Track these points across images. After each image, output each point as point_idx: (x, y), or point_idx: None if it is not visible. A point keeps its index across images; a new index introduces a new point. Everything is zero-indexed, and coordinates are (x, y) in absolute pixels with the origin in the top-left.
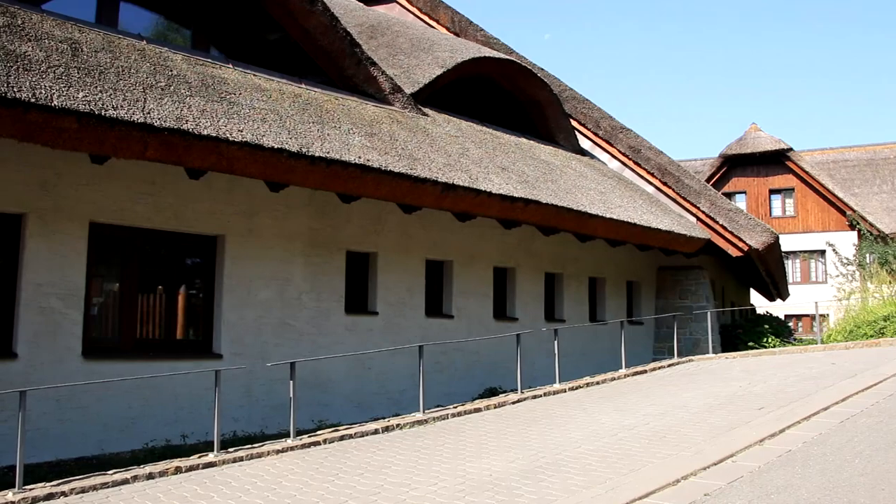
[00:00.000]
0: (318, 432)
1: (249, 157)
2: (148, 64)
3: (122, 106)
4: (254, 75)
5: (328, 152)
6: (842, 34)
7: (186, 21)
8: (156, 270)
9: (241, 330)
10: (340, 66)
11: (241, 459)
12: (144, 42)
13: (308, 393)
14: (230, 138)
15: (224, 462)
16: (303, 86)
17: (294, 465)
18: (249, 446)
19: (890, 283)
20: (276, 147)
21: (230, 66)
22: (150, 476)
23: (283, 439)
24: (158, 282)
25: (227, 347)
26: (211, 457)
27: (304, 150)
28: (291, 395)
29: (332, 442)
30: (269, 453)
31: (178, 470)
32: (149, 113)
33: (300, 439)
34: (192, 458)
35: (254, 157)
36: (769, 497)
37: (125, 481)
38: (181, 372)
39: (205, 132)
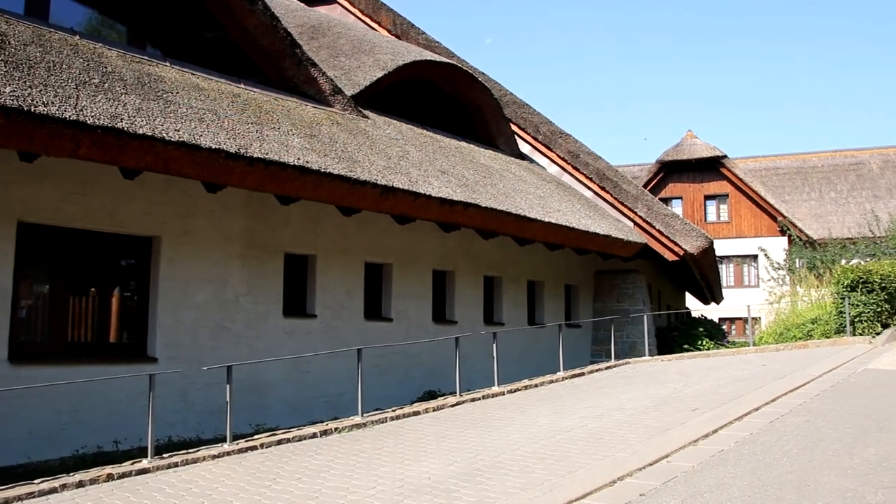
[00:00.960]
0: (256, 436)
1: (186, 158)
2: (81, 59)
3: (52, 102)
4: (192, 74)
5: (267, 153)
6: (774, 45)
7: (122, 16)
8: (88, 272)
9: (176, 333)
10: (280, 67)
11: (176, 465)
12: (77, 37)
13: (245, 397)
14: (166, 138)
15: (158, 468)
16: (242, 86)
17: (230, 471)
18: (185, 451)
19: (817, 287)
20: (213, 147)
21: (167, 64)
22: (81, 484)
23: (220, 444)
24: (91, 284)
25: (161, 351)
26: (145, 463)
27: (242, 150)
28: (228, 399)
29: (270, 446)
30: (205, 458)
31: (109, 477)
32: (81, 110)
33: (237, 444)
34: (124, 464)
35: (191, 157)
36: (702, 496)
37: (53, 490)
38: (114, 376)
39: (140, 131)
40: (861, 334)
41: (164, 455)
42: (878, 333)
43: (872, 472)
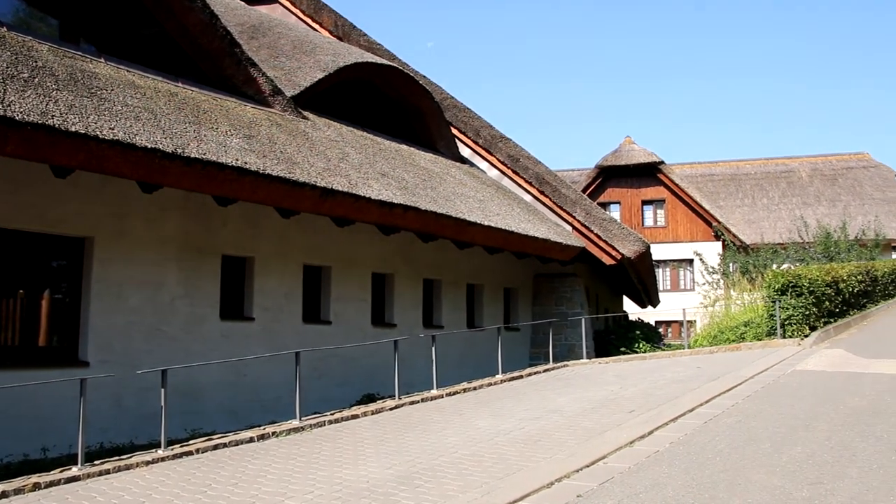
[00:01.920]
0: (191, 442)
1: (121, 157)
2: (9, 53)
3: None
4: (127, 71)
5: (204, 153)
6: (709, 53)
7: (53, 10)
8: (16, 273)
9: (109, 336)
10: (219, 66)
11: (107, 472)
12: (4, 29)
13: (181, 401)
14: (100, 136)
15: (89, 476)
16: (179, 84)
17: (165, 477)
18: (117, 458)
19: (750, 291)
20: (149, 146)
21: (102, 60)
22: (4, 494)
23: (154, 450)
24: (19, 285)
25: (94, 355)
26: (74, 470)
27: (179, 150)
28: (163, 404)
29: (205, 451)
30: (138, 465)
31: (36, 486)
32: (9, 106)
33: (171, 449)
34: (52, 472)
35: (125, 156)
36: (638, 496)
37: None
38: (43, 381)
39: (73, 128)
40: (791, 337)
41: (96, 462)
42: (806, 336)
43: (799, 470)
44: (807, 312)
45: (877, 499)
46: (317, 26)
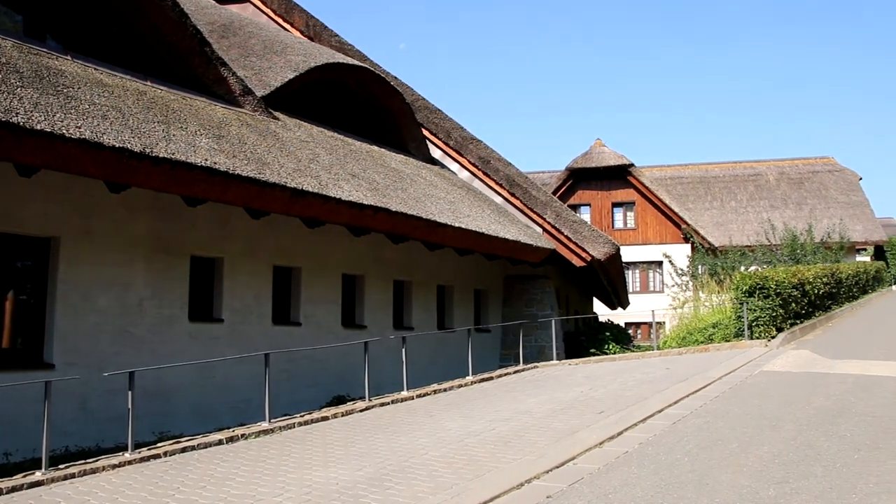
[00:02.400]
0: (159, 444)
1: (88, 156)
2: None
3: None
4: (95, 69)
5: (173, 153)
6: (680, 58)
7: (18, 5)
8: None
9: (75, 338)
10: (189, 65)
11: (72, 476)
12: None
13: (149, 404)
14: (66, 134)
15: (53, 480)
16: (148, 83)
17: (132, 480)
18: (83, 462)
19: (718, 292)
20: (117, 146)
21: (68, 57)
22: None
23: (121, 453)
24: None
25: (59, 357)
26: (38, 475)
27: (147, 150)
28: (130, 407)
29: (174, 454)
30: (104, 468)
31: None
32: None
33: (139, 452)
34: (15, 477)
35: (93, 155)
36: (607, 497)
37: None
38: (5, 384)
39: (38, 127)
40: (758, 338)
41: (60, 466)
42: (773, 337)
43: (765, 469)
44: (774, 314)
45: (840, 496)
46: (288, 26)
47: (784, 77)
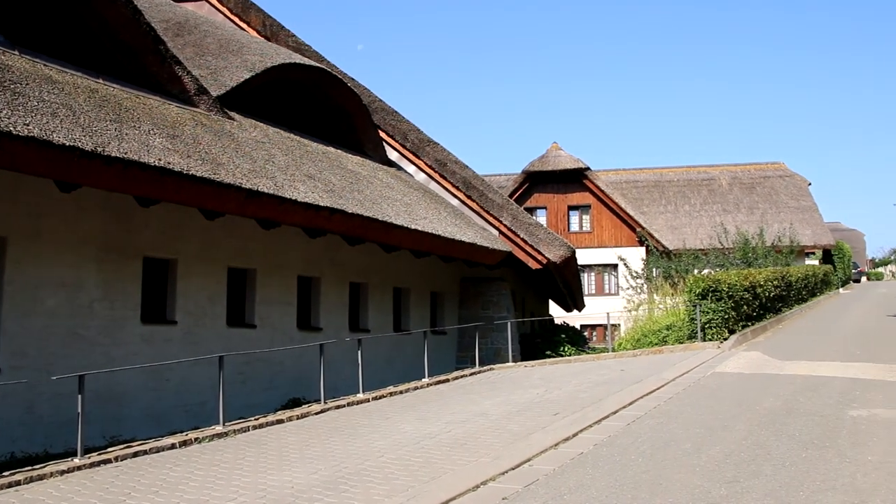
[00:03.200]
0: (110, 449)
1: (36, 154)
2: None
3: None
4: (44, 65)
5: (126, 153)
6: (635, 65)
7: None
8: None
9: (23, 341)
10: (143, 63)
11: (18, 483)
12: None
13: (100, 407)
14: (14, 132)
15: None
16: (100, 81)
17: (81, 487)
18: (29, 468)
19: (672, 295)
20: (67, 144)
21: (16, 52)
22: None
23: (70, 458)
24: None
25: (5, 360)
26: None
27: (99, 149)
28: (80, 411)
29: (125, 459)
30: (52, 475)
31: None
32: None
33: (89, 457)
34: None
35: (41, 154)
36: (562, 498)
37: None
38: None
39: None
40: (711, 340)
41: (5, 473)
42: (725, 339)
43: (717, 469)
44: (726, 316)
45: (789, 494)
46: (244, 25)
47: (736, 83)
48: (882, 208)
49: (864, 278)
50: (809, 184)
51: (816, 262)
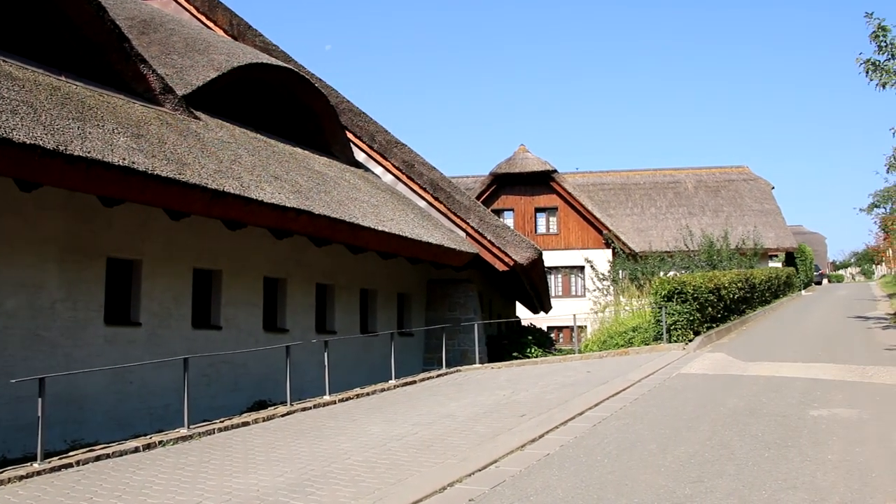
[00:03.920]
0: (71, 453)
1: None
2: None
3: None
4: (3, 61)
5: (89, 152)
6: (601, 67)
7: None
8: None
9: None
10: (107, 61)
11: None
12: None
13: (61, 411)
14: None
15: None
16: (63, 78)
17: (41, 492)
18: None
19: (638, 297)
20: (28, 143)
21: None
22: None
23: (29, 463)
24: None
25: None
26: None
27: (61, 147)
28: (40, 414)
29: (87, 463)
30: (10, 480)
31: None
32: None
33: (49, 462)
34: None
35: (1, 152)
36: (529, 499)
37: None
38: None
39: None
40: (676, 341)
41: None
42: (690, 340)
43: (682, 469)
44: (691, 318)
45: (751, 493)
46: (211, 24)
47: (702, 87)
48: (843, 212)
49: (825, 280)
50: (773, 187)
51: (779, 265)
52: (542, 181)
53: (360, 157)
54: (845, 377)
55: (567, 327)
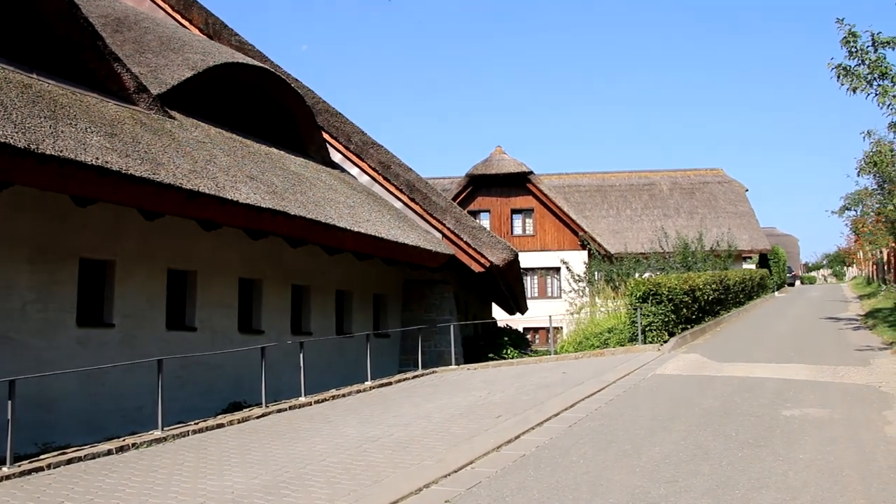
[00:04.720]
0: (42, 456)
1: None
2: None
3: None
4: None
5: (61, 151)
6: (578, 70)
7: None
8: None
9: None
10: (80, 59)
11: None
12: None
13: (32, 413)
14: None
15: None
16: (34, 76)
17: (10, 497)
18: None
19: (614, 298)
20: None
21: None
22: None
23: None
24: None
25: None
26: None
27: (32, 146)
28: (10, 417)
29: (58, 466)
30: None
31: None
32: None
33: (19, 466)
34: None
35: None
36: (504, 499)
37: None
38: None
39: None
40: (651, 342)
41: None
42: (665, 341)
43: (656, 469)
44: (666, 319)
45: (725, 492)
46: (186, 23)
47: (677, 90)
48: (815, 214)
49: (798, 282)
50: (747, 190)
51: (753, 267)
52: (518, 183)
53: (336, 157)
54: (817, 377)
55: (543, 328)
